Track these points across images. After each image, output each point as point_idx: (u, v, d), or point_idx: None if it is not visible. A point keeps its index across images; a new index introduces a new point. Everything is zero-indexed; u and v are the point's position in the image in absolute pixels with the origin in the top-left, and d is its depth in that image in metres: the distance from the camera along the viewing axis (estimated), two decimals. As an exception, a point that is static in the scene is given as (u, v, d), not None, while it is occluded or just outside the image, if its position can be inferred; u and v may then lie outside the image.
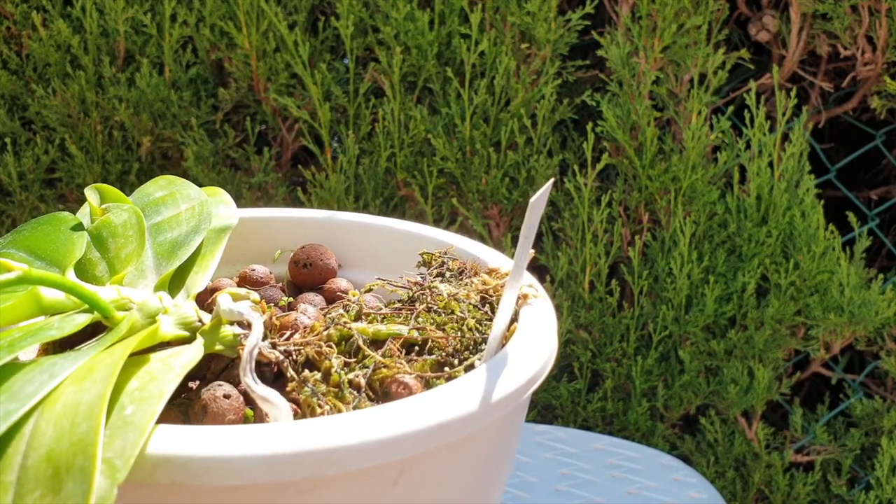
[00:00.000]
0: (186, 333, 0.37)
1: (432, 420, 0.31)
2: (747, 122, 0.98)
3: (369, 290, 0.44)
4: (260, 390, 0.33)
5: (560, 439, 0.84)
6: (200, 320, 0.37)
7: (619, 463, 0.80)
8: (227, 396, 0.34)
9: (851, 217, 1.00)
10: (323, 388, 0.34)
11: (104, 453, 0.27)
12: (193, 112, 1.08)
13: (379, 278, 0.44)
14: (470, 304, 0.40)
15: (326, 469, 0.29)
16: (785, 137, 1.01)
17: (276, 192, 1.08)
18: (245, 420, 0.35)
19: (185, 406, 0.35)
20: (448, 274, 0.43)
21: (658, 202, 1.01)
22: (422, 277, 0.43)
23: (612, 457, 0.81)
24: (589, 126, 0.99)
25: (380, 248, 0.50)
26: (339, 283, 0.47)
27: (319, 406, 0.33)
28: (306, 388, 0.34)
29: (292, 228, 0.51)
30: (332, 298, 0.46)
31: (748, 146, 0.99)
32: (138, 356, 0.34)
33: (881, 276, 0.97)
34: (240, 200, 0.91)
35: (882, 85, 1.00)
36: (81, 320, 0.35)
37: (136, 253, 0.41)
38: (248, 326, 0.36)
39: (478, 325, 0.39)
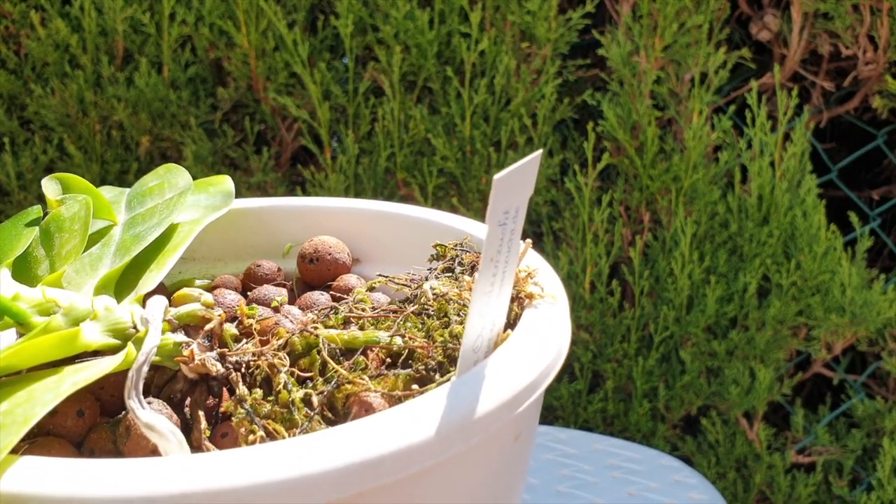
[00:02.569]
0: (116, 341, 0.32)
1: (354, 456, 0.25)
2: (749, 121, 0.98)
3: (372, 289, 0.40)
4: (144, 417, 0.28)
5: (561, 440, 0.83)
6: (135, 326, 0.33)
7: (619, 464, 0.80)
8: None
9: (853, 217, 0.99)
10: (267, 407, 0.29)
11: None
12: (192, 111, 1.07)
13: (380, 275, 0.39)
14: (462, 305, 0.34)
15: None
16: (786, 137, 1.00)
17: (275, 191, 1.08)
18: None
19: (118, 425, 0.31)
20: (459, 269, 0.37)
21: (659, 202, 1.01)
22: (430, 272, 0.38)
23: (613, 458, 0.80)
24: (590, 125, 0.99)
25: (402, 239, 0.45)
26: (349, 280, 0.42)
27: (252, 433, 0.28)
28: (240, 410, 0.29)
29: (305, 219, 0.46)
30: (340, 298, 0.41)
31: (749, 146, 0.99)
32: (48, 369, 0.30)
33: (883, 276, 0.97)
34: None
35: (884, 84, 0.99)
36: None
37: (76, 249, 0.36)
38: (214, 335, 0.32)
39: (461, 332, 0.32)
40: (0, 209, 1.13)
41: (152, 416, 0.28)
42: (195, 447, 0.29)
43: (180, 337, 0.32)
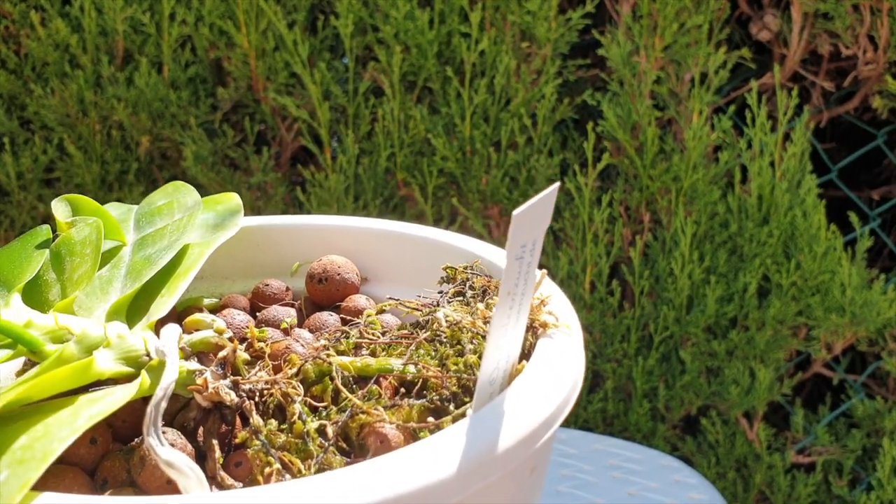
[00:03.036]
0: (130, 369, 0.32)
1: (375, 496, 0.25)
2: (749, 121, 0.98)
3: (381, 311, 0.39)
4: (164, 454, 0.28)
5: (560, 440, 0.83)
6: (148, 354, 0.32)
7: (619, 464, 0.80)
8: (171, 445, 0.29)
9: (853, 217, 0.99)
10: (282, 438, 0.29)
11: None
12: (192, 111, 1.07)
13: (391, 298, 0.39)
14: (476, 333, 0.33)
15: None
16: (786, 137, 1.00)
17: (275, 191, 1.08)
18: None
19: (131, 454, 0.31)
20: (470, 293, 0.37)
21: (659, 202, 1.01)
22: (441, 296, 0.37)
23: (613, 458, 0.80)
24: (589, 126, 0.99)
25: (412, 260, 0.44)
26: (358, 300, 0.42)
27: (268, 464, 0.28)
28: (256, 441, 0.29)
29: (313, 237, 0.46)
30: (349, 319, 0.41)
31: (749, 146, 0.99)
32: (62, 398, 0.29)
33: (883, 276, 0.97)
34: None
35: (884, 84, 0.99)
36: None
37: (87, 274, 0.36)
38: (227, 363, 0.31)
39: (478, 361, 0.32)
40: (0, 209, 1.13)
41: (172, 454, 0.28)
42: (209, 476, 0.29)
43: (193, 365, 0.32)
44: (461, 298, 0.37)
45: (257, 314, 0.41)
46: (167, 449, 0.28)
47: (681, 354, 1.00)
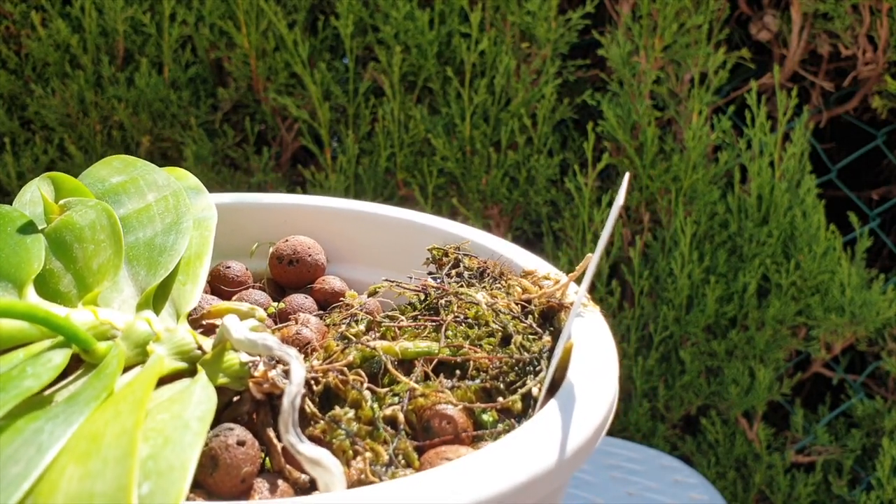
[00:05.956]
0: (184, 365, 0.30)
1: (515, 479, 0.25)
2: (748, 121, 0.98)
3: (374, 293, 0.37)
4: (308, 451, 0.27)
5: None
6: (200, 347, 0.31)
7: (619, 464, 0.80)
8: (241, 443, 0.27)
9: (852, 217, 1.00)
10: (354, 426, 0.28)
11: None
12: (192, 112, 1.07)
13: (386, 279, 0.37)
14: (512, 315, 0.33)
15: None
16: (786, 137, 1.00)
17: (275, 191, 1.08)
18: (263, 470, 0.28)
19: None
20: (467, 275, 0.36)
21: (659, 202, 1.01)
22: (434, 279, 0.36)
23: (613, 457, 0.80)
24: (589, 126, 0.99)
25: (374, 240, 0.43)
26: (333, 282, 0.40)
27: (357, 452, 0.28)
28: (340, 431, 0.28)
29: (269, 217, 0.44)
30: (324, 301, 0.39)
31: (749, 146, 0.99)
32: (112, 400, 0.27)
33: (882, 276, 0.97)
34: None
35: (883, 84, 1.00)
36: (59, 360, 0.28)
37: (112, 263, 0.33)
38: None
39: (524, 342, 0.32)
40: (1, 209, 1.13)
41: (317, 451, 0.27)
42: (276, 470, 0.28)
43: (245, 356, 0.30)
44: (459, 280, 0.36)
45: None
46: (309, 445, 0.27)
47: (680, 354, 1.00)
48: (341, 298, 0.38)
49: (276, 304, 0.38)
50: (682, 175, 0.98)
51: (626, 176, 0.33)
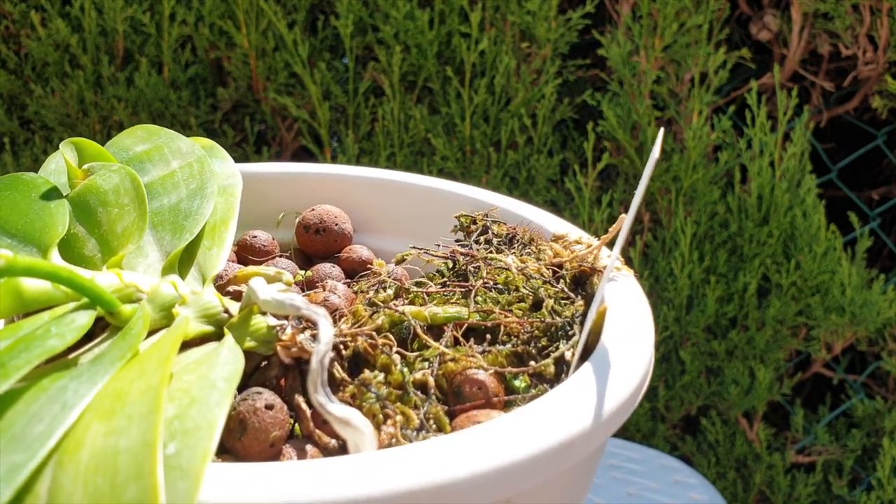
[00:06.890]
0: (210, 328, 0.30)
1: (551, 440, 0.24)
2: (748, 121, 0.98)
3: (402, 261, 0.37)
4: (337, 411, 0.26)
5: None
6: (227, 311, 0.30)
7: (619, 464, 0.80)
8: (269, 407, 0.27)
9: (853, 217, 0.99)
10: (384, 390, 0.28)
11: None
12: (192, 111, 1.07)
13: (413, 247, 0.36)
14: (543, 280, 0.32)
15: None
16: (786, 137, 1.00)
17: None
18: (292, 436, 0.28)
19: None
20: (496, 241, 0.36)
21: (659, 202, 1.01)
22: (462, 246, 0.36)
23: (613, 458, 0.80)
24: (589, 125, 0.99)
25: (399, 208, 0.42)
26: (360, 251, 0.40)
27: (388, 416, 0.27)
28: (370, 394, 0.28)
29: (295, 186, 0.43)
30: (351, 270, 0.39)
31: (749, 146, 0.99)
32: (137, 360, 0.26)
33: (882, 276, 0.97)
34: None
35: (883, 84, 0.99)
36: (83, 321, 0.27)
37: (136, 226, 0.32)
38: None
39: (555, 306, 0.31)
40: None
41: (347, 411, 0.26)
42: (306, 435, 0.28)
43: (272, 320, 0.29)
44: (487, 246, 0.35)
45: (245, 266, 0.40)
46: (339, 406, 0.26)
47: (681, 354, 1.00)
48: (368, 267, 0.38)
49: (303, 272, 0.38)
50: (682, 175, 0.98)
51: (661, 131, 0.33)
